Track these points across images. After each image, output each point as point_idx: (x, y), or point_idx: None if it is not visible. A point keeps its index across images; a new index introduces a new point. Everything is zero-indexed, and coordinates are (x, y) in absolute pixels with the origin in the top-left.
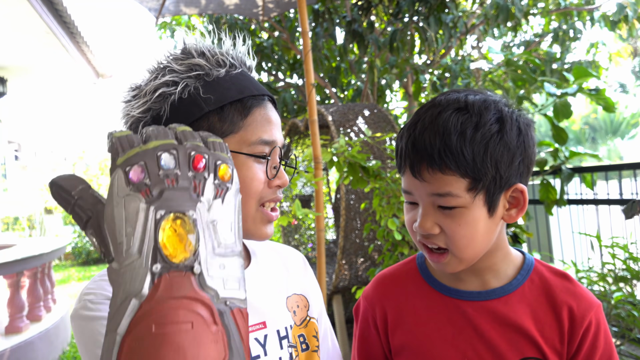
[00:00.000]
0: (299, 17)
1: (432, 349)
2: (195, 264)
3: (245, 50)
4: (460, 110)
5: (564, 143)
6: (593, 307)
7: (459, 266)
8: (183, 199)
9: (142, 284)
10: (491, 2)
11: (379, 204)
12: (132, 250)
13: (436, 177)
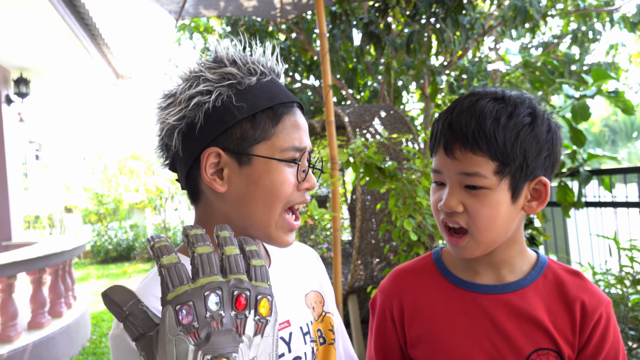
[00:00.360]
0: (317, 19)
1: (448, 340)
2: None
3: (275, 57)
4: (497, 100)
5: (582, 145)
6: (603, 302)
7: (476, 250)
8: (227, 341)
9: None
10: (509, 3)
11: (395, 205)
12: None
13: (467, 156)
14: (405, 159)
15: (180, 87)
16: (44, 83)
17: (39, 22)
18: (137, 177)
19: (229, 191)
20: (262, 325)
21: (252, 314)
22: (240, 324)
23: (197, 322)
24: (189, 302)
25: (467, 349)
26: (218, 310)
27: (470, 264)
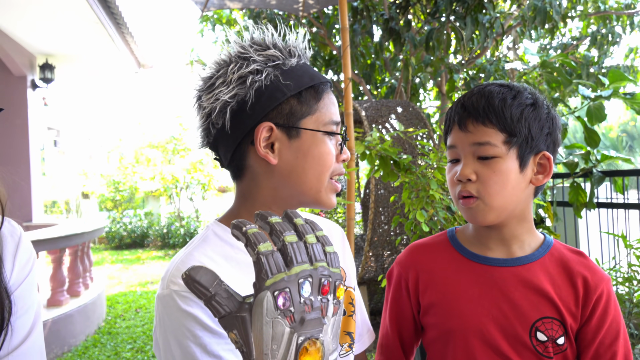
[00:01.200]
0: (340, 13)
1: (460, 306)
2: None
3: (306, 43)
4: (503, 86)
5: (596, 146)
6: (604, 279)
7: (488, 215)
8: (316, 324)
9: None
10: (529, 3)
11: (408, 197)
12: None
13: (479, 128)
14: (420, 154)
15: (229, 68)
16: (68, 69)
17: (67, 9)
18: (154, 165)
19: (279, 163)
20: (337, 307)
21: (332, 297)
22: (324, 307)
23: (293, 307)
24: (286, 288)
25: (477, 316)
26: (309, 296)
27: (483, 240)
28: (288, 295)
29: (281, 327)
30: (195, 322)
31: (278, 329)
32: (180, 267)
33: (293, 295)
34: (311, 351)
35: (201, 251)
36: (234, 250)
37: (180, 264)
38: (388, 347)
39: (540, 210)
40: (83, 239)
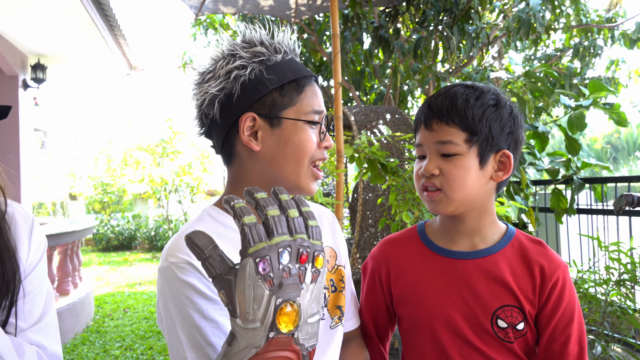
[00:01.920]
0: (331, 20)
1: (428, 298)
2: (295, 331)
3: (294, 39)
4: (467, 87)
5: (577, 154)
6: (560, 267)
7: (448, 206)
8: (293, 288)
9: (260, 341)
10: (513, 15)
11: (395, 199)
12: (256, 320)
13: (442, 128)
14: (408, 159)
15: (218, 64)
16: (60, 70)
17: (60, 10)
18: (142, 168)
19: (262, 150)
20: (316, 275)
21: (310, 267)
22: (301, 274)
23: (272, 272)
24: (267, 256)
25: (443, 306)
26: (288, 264)
27: (448, 233)
28: (268, 262)
29: (261, 289)
30: (192, 290)
31: (258, 291)
32: (178, 242)
33: (272, 262)
34: (288, 312)
35: (196, 228)
36: (226, 229)
37: (177, 239)
38: (364, 334)
39: (522, 215)
40: (73, 238)
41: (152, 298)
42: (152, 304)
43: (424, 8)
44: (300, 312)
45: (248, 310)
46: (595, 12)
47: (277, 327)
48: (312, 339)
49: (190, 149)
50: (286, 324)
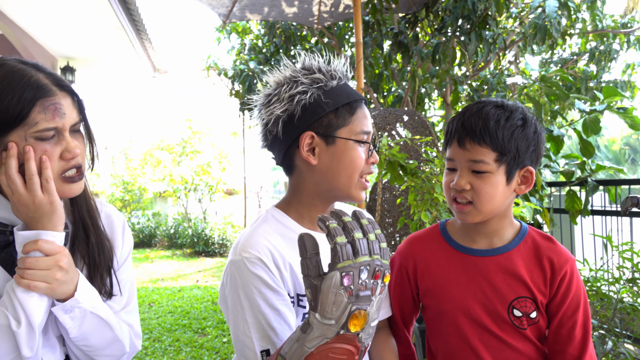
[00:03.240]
0: (354, 28)
1: (451, 291)
2: (360, 332)
3: (347, 66)
4: (498, 106)
5: (591, 156)
6: (569, 260)
7: (477, 217)
8: (366, 299)
9: (332, 335)
10: (530, 21)
11: (414, 199)
12: (332, 319)
13: (475, 147)
14: (425, 160)
15: (282, 89)
16: (87, 72)
17: (92, 14)
18: (163, 167)
19: (318, 164)
20: (382, 289)
21: (381, 282)
22: (374, 288)
23: (352, 285)
24: (351, 272)
25: (465, 298)
26: (365, 279)
27: (469, 233)
28: (351, 277)
29: (341, 297)
30: (261, 282)
31: (339, 298)
32: (250, 240)
33: (354, 277)
34: (359, 317)
35: (263, 228)
36: (287, 229)
37: (248, 237)
38: (391, 321)
39: (537, 216)
40: None
41: (175, 293)
42: (175, 299)
43: (442, 15)
44: (368, 318)
45: (327, 310)
46: (611, 18)
47: (348, 327)
48: (370, 338)
49: (209, 149)
50: (355, 326)
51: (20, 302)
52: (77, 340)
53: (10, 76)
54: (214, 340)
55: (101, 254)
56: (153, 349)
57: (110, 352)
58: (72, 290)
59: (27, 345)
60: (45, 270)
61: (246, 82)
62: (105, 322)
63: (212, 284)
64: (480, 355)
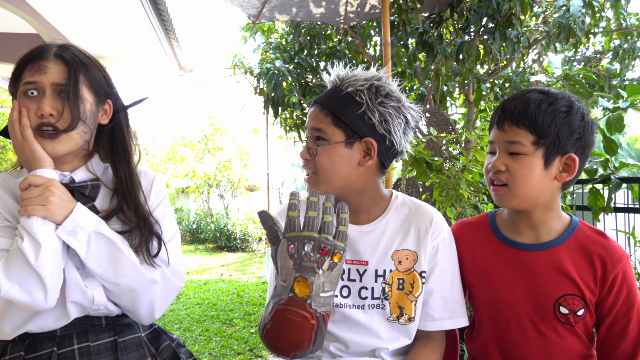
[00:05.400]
0: (383, 30)
1: (495, 283)
2: (307, 299)
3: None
4: (542, 92)
5: (614, 154)
6: (622, 259)
7: (512, 200)
8: (309, 270)
9: (286, 296)
10: (554, 20)
11: (439, 195)
12: (285, 281)
13: (512, 129)
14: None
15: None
16: (115, 71)
17: (124, 16)
18: (186, 163)
19: None
20: (333, 265)
21: (329, 259)
22: (320, 262)
23: (296, 255)
24: (295, 242)
25: (508, 292)
26: (310, 252)
27: (514, 224)
28: (295, 246)
29: (288, 263)
30: None
31: (287, 263)
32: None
33: (298, 248)
34: (303, 284)
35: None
36: None
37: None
38: None
39: (587, 223)
40: None
41: (201, 286)
42: (202, 292)
43: (467, 14)
44: (312, 287)
45: (282, 272)
46: (635, 16)
47: (295, 291)
48: (324, 307)
49: (231, 146)
50: (300, 291)
51: (23, 226)
52: (90, 262)
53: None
54: (241, 330)
55: (138, 215)
56: (184, 338)
57: (127, 274)
58: (67, 213)
59: (33, 255)
60: (39, 196)
61: (272, 81)
62: (114, 244)
63: (237, 278)
64: (522, 349)
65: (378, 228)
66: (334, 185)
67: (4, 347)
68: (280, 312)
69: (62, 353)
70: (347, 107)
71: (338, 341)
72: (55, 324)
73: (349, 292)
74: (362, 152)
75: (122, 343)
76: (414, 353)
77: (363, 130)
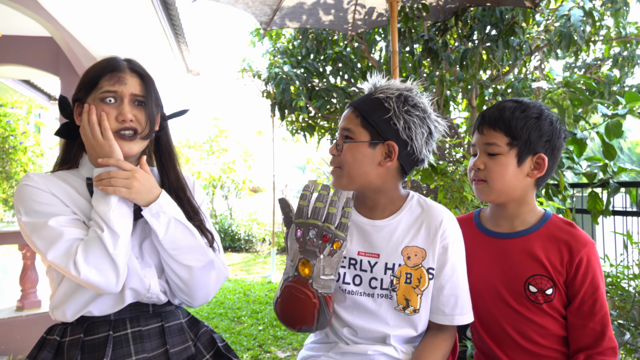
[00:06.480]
0: (391, 38)
1: (476, 268)
2: (309, 279)
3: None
4: (516, 102)
5: (613, 159)
6: (587, 244)
7: (490, 194)
8: (312, 254)
9: (292, 273)
10: (555, 29)
11: (443, 197)
12: (292, 261)
13: (490, 132)
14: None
15: None
16: None
17: (137, 20)
18: (192, 164)
19: None
20: (333, 252)
21: (330, 246)
22: (322, 248)
23: (302, 239)
24: (301, 228)
25: (486, 274)
26: (313, 238)
27: (494, 217)
28: (301, 231)
29: (295, 245)
30: None
31: (294, 245)
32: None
33: (304, 233)
34: (305, 266)
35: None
36: None
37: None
38: None
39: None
40: None
41: None
42: None
43: (471, 23)
44: (313, 269)
45: (290, 253)
46: (634, 25)
47: (299, 270)
48: (325, 289)
49: (235, 147)
50: (302, 271)
51: (102, 218)
52: (166, 243)
53: (101, 60)
54: (250, 328)
55: (191, 210)
56: None
57: (195, 257)
58: (154, 198)
59: (112, 244)
60: (125, 179)
61: (280, 85)
62: (188, 229)
63: (242, 277)
64: (502, 326)
65: (391, 224)
66: (354, 180)
67: (64, 330)
68: (287, 289)
69: (117, 336)
70: (376, 110)
71: (348, 326)
72: (112, 307)
73: (361, 280)
74: (384, 154)
75: (168, 328)
76: (425, 342)
77: (387, 134)
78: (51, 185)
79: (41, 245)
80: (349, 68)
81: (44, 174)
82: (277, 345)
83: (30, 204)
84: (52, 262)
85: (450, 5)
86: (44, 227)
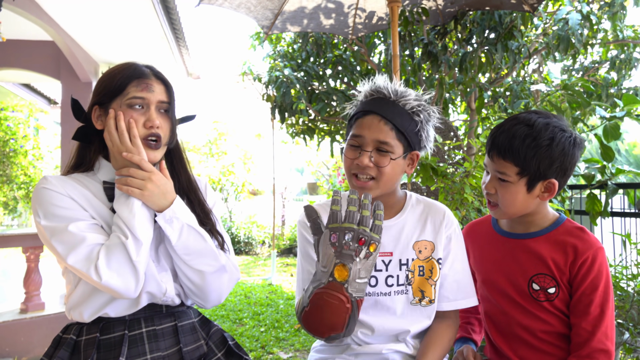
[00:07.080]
0: (392, 43)
1: (488, 265)
2: (345, 283)
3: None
4: (528, 126)
5: (611, 161)
6: (593, 247)
7: (503, 216)
8: (348, 257)
9: (325, 280)
10: (553, 32)
11: (444, 199)
12: (325, 266)
13: (500, 161)
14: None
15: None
16: None
17: (138, 25)
18: (192, 167)
19: None
20: (368, 255)
21: (366, 248)
22: (357, 251)
23: (337, 243)
24: (336, 232)
25: (493, 271)
26: (349, 241)
27: (509, 222)
28: (336, 236)
29: (330, 250)
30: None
31: (328, 251)
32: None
33: (339, 237)
34: (342, 270)
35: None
36: None
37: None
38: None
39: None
40: None
41: None
42: None
43: (470, 27)
44: (350, 273)
45: (322, 259)
46: (631, 28)
47: (334, 275)
48: (359, 293)
49: (234, 150)
50: (339, 275)
51: (125, 223)
52: (179, 249)
53: (123, 66)
54: (252, 329)
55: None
56: None
57: (207, 262)
58: (167, 204)
59: (135, 251)
60: (141, 180)
61: (281, 88)
62: (201, 235)
63: (243, 280)
64: (508, 320)
65: (399, 223)
66: (386, 190)
67: (80, 329)
68: (319, 295)
69: (132, 335)
70: (409, 123)
71: (364, 327)
72: (127, 310)
73: (377, 281)
74: (409, 162)
75: (181, 327)
76: (432, 330)
77: (415, 144)
78: (69, 189)
79: (61, 250)
80: (348, 71)
81: (60, 176)
82: (279, 346)
83: (49, 208)
84: (73, 266)
85: (450, 9)
86: (64, 232)
